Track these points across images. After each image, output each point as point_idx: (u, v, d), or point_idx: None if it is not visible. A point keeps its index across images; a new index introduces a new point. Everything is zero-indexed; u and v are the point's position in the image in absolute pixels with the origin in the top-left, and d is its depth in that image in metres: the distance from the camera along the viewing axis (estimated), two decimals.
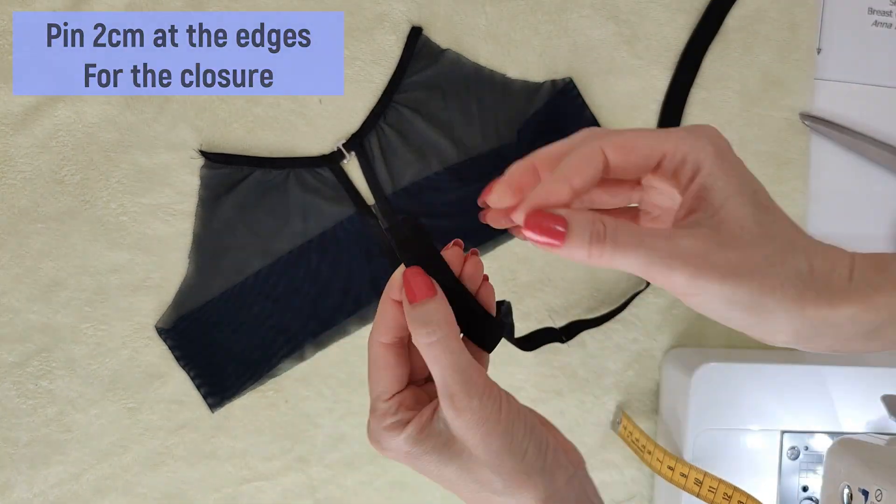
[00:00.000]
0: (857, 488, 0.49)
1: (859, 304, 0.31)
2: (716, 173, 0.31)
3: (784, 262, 0.31)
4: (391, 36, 0.64)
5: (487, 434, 0.33)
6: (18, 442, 0.64)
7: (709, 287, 0.31)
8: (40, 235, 0.63)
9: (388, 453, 0.35)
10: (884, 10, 0.68)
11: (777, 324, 0.31)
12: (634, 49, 0.65)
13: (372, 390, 0.36)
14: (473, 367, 0.34)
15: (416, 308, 0.34)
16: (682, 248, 0.30)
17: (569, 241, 0.31)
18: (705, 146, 0.32)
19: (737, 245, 0.31)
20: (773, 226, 0.32)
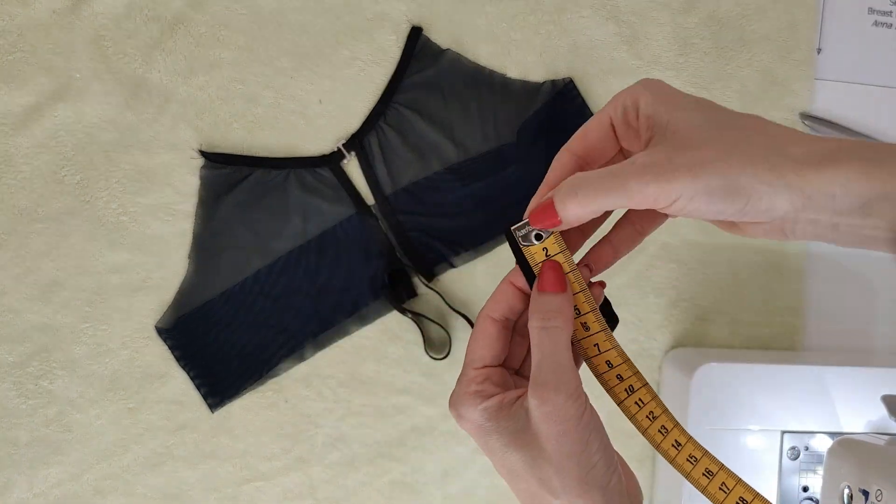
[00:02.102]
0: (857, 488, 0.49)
1: (849, 171, 0.31)
2: (652, 100, 0.34)
3: (749, 143, 0.32)
4: (391, 36, 0.64)
5: (563, 433, 0.33)
6: (18, 442, 0.64)
7: (683, 187, 0.31)
8: (40, 235, 0.63)
9: (461, 421, 0.35)
10: (884, 10, 0.68)
11: (764, 200, 0.31)
12: (634, 49, 0.66)
13: (467, 357, 0.36)
14: (570, 368, 0.34)
15: (543, 296, 0.35)
16: (647, 162, 0.32)
17: (558, 209, 0.34)
18: (634, 88, 0.34)
19: (696, 143, 0.32)
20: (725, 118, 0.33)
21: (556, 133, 0.64)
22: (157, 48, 0.62)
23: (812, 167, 0.31)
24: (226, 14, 0.63)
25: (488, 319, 0.36)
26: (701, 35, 0.66)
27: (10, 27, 0.61)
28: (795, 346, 0.68)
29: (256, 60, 0.63)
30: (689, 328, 0.67)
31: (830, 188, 0.31)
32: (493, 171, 0.64)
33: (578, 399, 0.34)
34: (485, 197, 0.64)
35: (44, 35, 0.61)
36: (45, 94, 0.62)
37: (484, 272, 0.65)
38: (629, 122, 0.35)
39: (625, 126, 0.35)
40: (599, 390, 0.38)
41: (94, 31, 0.62)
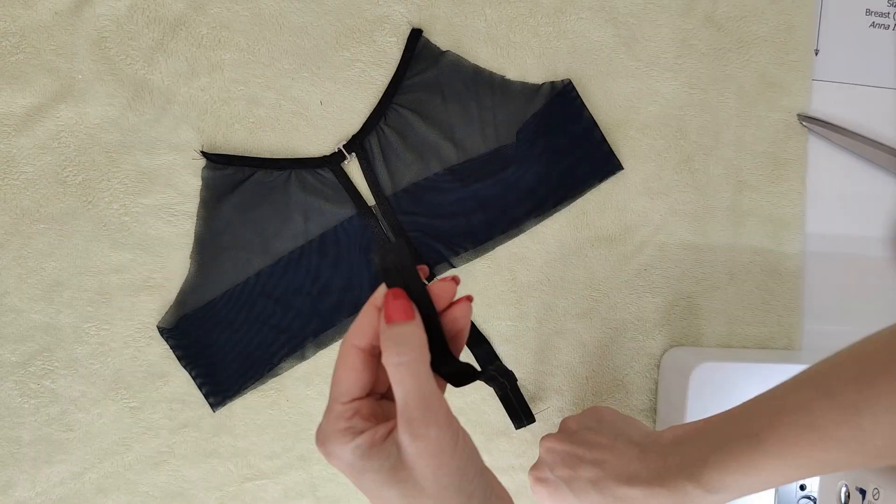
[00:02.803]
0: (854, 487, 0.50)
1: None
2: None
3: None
4: (391, 38, 0.64)
5: (439, 467, 0.33)
6: (21, 441, 0.64)
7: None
8: (43, 236, 0.63)
9: (332, 459, 0.34)
10: (881, 11, 0.69)
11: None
12: (633, 51, 0.66)
13: (333, 390, 0.35)
14: (437, 397, 0.34)
15: (391, 328, 0.34)
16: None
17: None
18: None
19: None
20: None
21: (555, 134, 0.65)
22: (158, 50, 0.62)
23: None
24: (227, 16, 0.63)
25: (354, 349, 0.35)
26: (699, 37, 0.66)
27: (13, 29, 0.61)
28: (793, 346, 0.68)
29: (258, 62, 0.63)
30: (687, 327, 0.68)
31: None
32: (492, 171, 0.64)
33: (450, 428, 0.34)
34: (485, 197, 0.64)
35: (46, 36, 0.62)
36: (48, 95, 0.62)
37: (484, 272, 0.66)
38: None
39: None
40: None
41: (96, 32, 0.62)
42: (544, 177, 0.64)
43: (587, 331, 0.67)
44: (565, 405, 0.67)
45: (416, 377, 0.33)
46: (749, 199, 0.68)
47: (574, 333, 0.67)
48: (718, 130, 0.67)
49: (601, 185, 0.66)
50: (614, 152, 0.65)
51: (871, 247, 0.70)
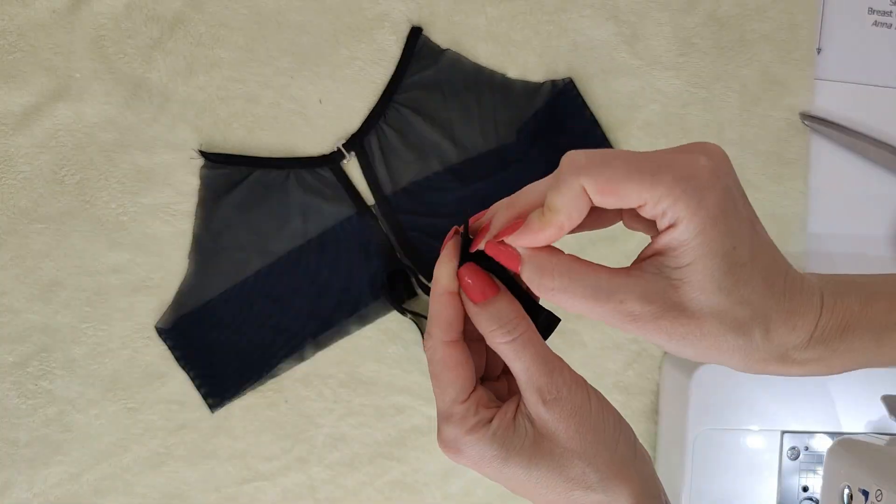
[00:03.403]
0: (857, 488, 0.49)
1: (813, 366, 0.31)
2: (692, 231, 0.29)
3: (738, 332, 0.30)
4: (391, 36, 0.64)
5: (580, 425, 0.32)
6: (18, 442, 0.64)
7: (661, 342, 0.31)
8: (40, 236, 0.63)
9: (468, 461, 0.32)
10: (884, 10, 0.68)
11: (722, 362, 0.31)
12: (634, 49, 0.66)
13: (443, 396, 0.33)
14: (557, 359, 0.33)
15: (484, 308, 0.32)
16: (638, 309, 0.30)
17: (523, 274, 0.31)
18: (689, 199, 0.29)
19: (690, 313, 0.30)
20: (737, 291, 0.30)
21: (556, 133, 0.64)
22: (156, 48, 0.62)
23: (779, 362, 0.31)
24: (225, 14, 0.63)
25: (446, 345, 0.33)
26: (701, 35, 0.66)
27: (10, 27, 0.61)
28: None
29: (256, 60, 0.63)
30: None
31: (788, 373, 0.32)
32: (493, 171, 0.64)
33: (580, 385, 0.33)
34: (485, 197, 0.64)
35: (44, 35, 0.61)
36: (45, 94, 0.62)
37: None
38: (652, 227, 0.31)
39: (646, 225, 0.32)
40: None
41: (94, 31, 0.62)
42: (545, 176, 0.64)
43: (588, 331, 0.66)
44: None
45: (533, 346, 0.32)
46: (751, 198, 0.66)
47: (574, 334, 0.66)
48: (721, 129, 0.67)
49: None
50: None
51: (874, 246, 0.69)
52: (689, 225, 0.29)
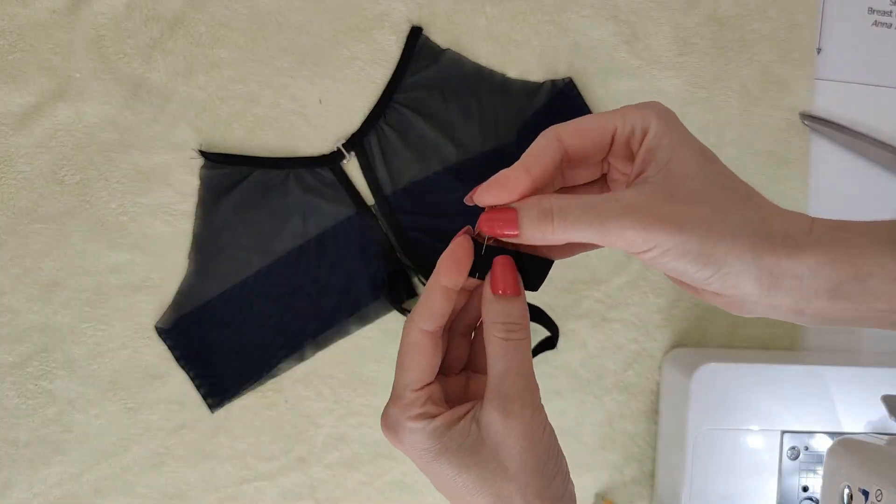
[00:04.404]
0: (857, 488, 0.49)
1: (821, 255, 0.30)
2: (661, 133, 0.32)
3: (734, 211, 0.31)
4: (391, 36, 0.64)
5: (527, 449, 0.32)
6: (18, 442, 0.64)
7: (660, 240, 0.30)
8: (40, 236, 0.63)
9: (402, 446, 0.33)
10: (884, 10, 0.68)
11: (734, 274, 0.31)
12: (634, 49, 0.66)
13: (401, 377, 0.34)
14: (534, 379, 0.33)
15: (501, 302, 0.33)
16: (631, 204, 0.31)
17: (522, 227, 0.32)
18: (650, 113, 0.33)
19: (684, 197, 0.31)
20: (721, 178, 0.32)
21: None
22: (156, 48, 0.62)
23: (786, 249, 0.31)
24: (225, 14, 0.63)
25: (421, 333, 0.33)
26: (701, 35, 0.66)
27: (10, 27, 0.61)
28: (795, 346, 0.68)
29: (256, 60, 0.63)
30: (689, 328, 0.67)
31: (799, 271, 0.30)
32: (493, 170, 0.63)
33: (541, 412, 0.33)
34: None
35: (43, 35, 0.61)
36: (45, 94, 0.62)
37: None
38: (631, 144, 0.33)
39: (624, 145, 0.34)
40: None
41: (94, 31, 0.62)
42: None
43: (588, 331, 0.66)
44: (566, 407, 0.67)
45: (523, 355, 0.33)
46: None
47: (574, 334, 0.66)
48: (720, 129, 0.67)
49: None
50: None
51: None
52: (658, 122, 0.32)
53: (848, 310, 0.31)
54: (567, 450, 0.71)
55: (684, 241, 0.30)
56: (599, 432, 0.67)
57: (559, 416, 0.67)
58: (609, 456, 0.67)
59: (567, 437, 0.67)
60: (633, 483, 0.68)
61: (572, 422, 0.67)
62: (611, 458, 0.67)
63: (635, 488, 0.68)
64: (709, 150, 0.33)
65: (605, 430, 0.67)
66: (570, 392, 0.67)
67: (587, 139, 0.34)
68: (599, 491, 0.67)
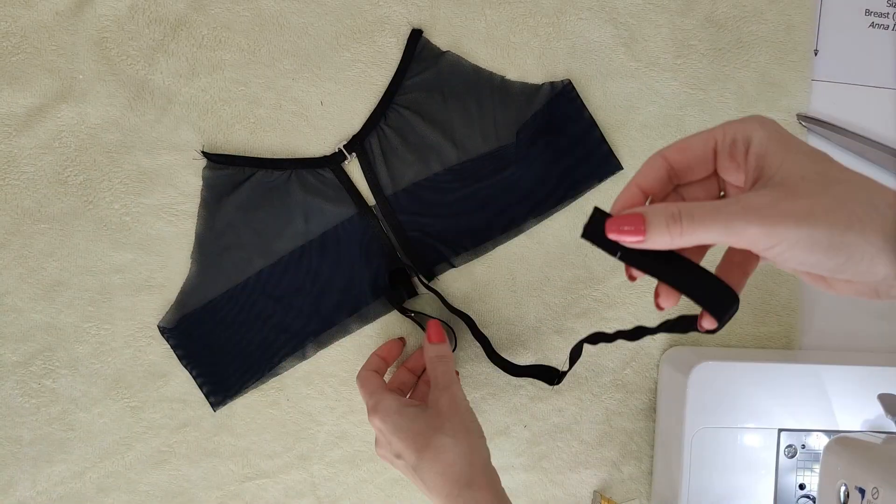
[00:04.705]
0: (853, 486, 0.50)
1: None
2: (766, 141, 0.33)
3: (857, 199, 0.32)
4: (391, 38, 0.64)
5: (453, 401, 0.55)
6: (22, 440, 0.64)
7: (786, 234, 0.31)
8: (44, 236, 0.63)
9: (379, 415, 0.55)
10: (880, 11, 0.69)
11: (867, 259, 0.31)
12: (632, 51, 0.66)
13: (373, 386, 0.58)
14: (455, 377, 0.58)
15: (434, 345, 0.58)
16: (754, 204, 0.32)
17: (649, 231, 0.33)
18: (751, 124, 0.34)
19: (805, 193, 0.32)
20: (837, 172, 0.33)
21: (555, 134, 0.65)
22: (159, 50, 0.63)
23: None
24: (228, 16, 0.63)
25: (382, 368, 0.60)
26: (698, 37, 0.66)
27: (14, 29, 0.62)
28: (792, 345, 0.68)
29: (258, 62, 0.64)
30: None
31: None
32: (492, 172, 0.64)
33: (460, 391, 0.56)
34: (485, 197, 0.64)
35: (47, 37, 0.62)
36: (49, 95, 0.62)
37: (483, 272, 0.66)
38: (734, 155, 0.35)
39: (728, 157, 0.35)
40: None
41: (97, 32, 0.62)
42: (544, 177, 0.65)
43: (587, 330, 0.67)
44: (565, 404, 0.67)
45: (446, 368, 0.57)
46: None
47: (574, 333, 0.67)
48: None
49: (601, 185, 0.66)
50: (614, 152, 0.66)
51: None
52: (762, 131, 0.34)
53: None
54: (565, 447, 0.71)
55: (811, 232, 0.31)
56: (597, 430, 0.68)
57: (557, 413, 0.67)
58: (607, 453, 0.68)
59: (565, 434, 0.68)
60: (631, 480, 0.68)
61: (570, 419, 0.67)
62: (609, 455, 0.68)
63: (633, 486, 0.68)
64: (819, 150, 0.34)
65: (603, 428, 0.68)
66: (568, 390, 0.67)
67: (688, 154, 0.36)
68: (597, 488, 0.68)
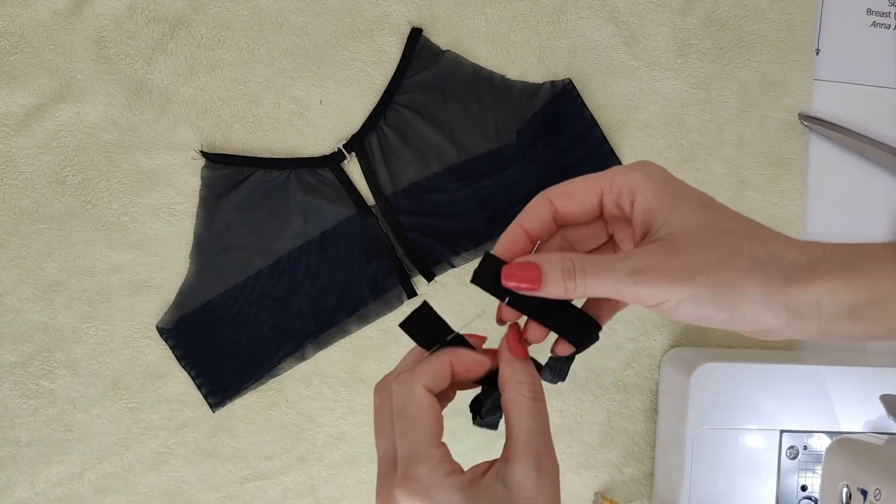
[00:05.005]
0: (855, 487, 0.49)
1: (835, 280, 0.31)
2: (652, 196, 0.33)
3: (741, 252, 0.32)
4: (391, 37, 0.64)
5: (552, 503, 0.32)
6: (20, 441, 0.64)
7: (673, 292, 0.31)
8: (42, 236, 0.63)
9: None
10: (882, 10, 0.68)
11: (750, 312, 0.32)
12: (633, 50, 0.66)
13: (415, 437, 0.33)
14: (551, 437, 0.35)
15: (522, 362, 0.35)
16: (640, 264, 0.32)
17: (544, 283, 0.33)
18: (637, 176, 0.34)
19: (690, 249, 0.32)
20: (724, 222, 0.33)
21: (556, 133, 0.64)
22: (158, 49, 0.62)
23: (799, 281, 0.31)
24: (226, 15, 0.63)
25: (428, 392, 0.34)
26: (700, 36, 0.66)
27: (12, 28, 0.61)
28: (794, 346, 0.68)
29: (257, 61, 0.63)
30: (688, 328, 0.68)
31: (815, 299, 0.31)
32: (492, 171, 0.64)
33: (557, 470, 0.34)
34: (485, 197, 0.64)
35: (45, 36, 0.62)
36: (47, 94, 0.62)
37: None
38: (620, 206, 0.35)
39: (615, 207, 0.35)
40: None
41: (96, 32, 0.62)
42: (545, 177, 0.64)
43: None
44: (566, 406, 0.67)
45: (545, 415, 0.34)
46: (750, 199, 0.68)
47: None
48: (719, 130, 0.67)
49: None
50: (615, 152, 0.65)
51: None
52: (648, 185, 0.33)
53: (872, 328, 0.32)
54: (567, 449, 0.71)
55: (695, 291, 0.31)
56: (599, 431, 0.67)
57: (559, 415, 0.67)
58: (608, 455, 0.68)
59: (566, 435, 0.67)
60: (633, 482, 0.68)
61: (572, 421, 0.67)
62: (610, 456, 0.68)
63: (635, 487, 0.68)
64: (708, 196, 0.34)
65: (605, 430, 0.67)
66: (569, 391, 0.67)
67: (574, 202, 0.35)
68: (599, 490, 0.68)
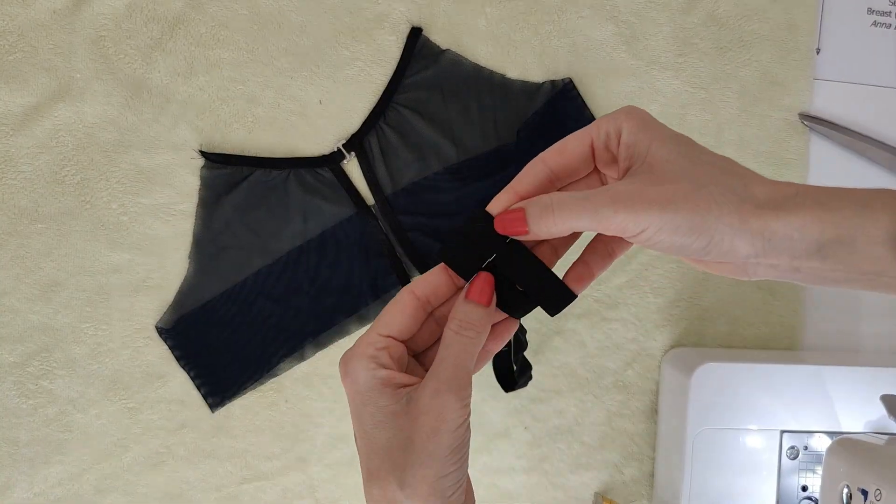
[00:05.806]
0: (856, 488, 0.49)
1: (806, 216, 0.32)
2: (635, 129, 0.35)
3: (717, 182, 0.33)
4: (391, 36, 0.64)
5: (436, 432, 0.34)
6: (19, 442, 0.64)
7: (651, 219, 0.32)
8: (41, 236, 0.63)
9: (346, 379, 0.36)
10: (883, 10, 0.68)
11: (727, 241, 0.33)
12: (633, 49, 0.66)
13: (376, 322, 0.37)
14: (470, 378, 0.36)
15: (468, 305, 0.36)
16: (621, 192, 0.33)
17: (529, 223, 0.34)
18: (619, 116, 0.36)
19: (670, 179, 0.33)
20: (700, 155, 0.35)
21: (556, 133, 0.64)
22: (157, 48, 0.62)
23: (772, 211, 0.32)
24: (226, 14, 0.63)
25: (410, 294, 0.37)
26: (700, 35, 0.66)
27: (11, 27, 0.61)
28: (794, 346, 0.68)
29: (256, 61, 0.63)
30: (688, 328, 0.67)
31: (788, 232, 0.32)
32: (492, 171, 0.64)
33: (465, 409, 0.35)
34: (485, 197, 0.64)
35: (44, 35, 0.61)
36: (46, 94, 0.62)
37: None
38: (609, 148, 0.36)
39: (604, 150, 0.36)
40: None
41: (95, 31, 0.62)
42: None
43: (587, 331, 0.66)
44: (566, 406, 0.67)
45: (465, 352, 0.36)
46: None
47: (574, 333, 0.66)
48: (720, 129, 0.67)
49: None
50: None
51: None
52: (629, 122, 0.35)
53: (838, 270, 0.33)
54: (567, 449, 0.71)
55: (673, 217, 0.32)
56: (599, 431, 0.67)
57: (558, 415, 0.67)
58: (608, 455, 0.67)
59: (567, 436, 0.67)
60: (633, 482, 0.68)
61: (572, 421, 0.67)
62: (610, 457, 0.68)
63: (635, 487, 0.68)
64: (684, 136, 0.36)
65: (605, 430, 0.67)
66: (569, 391, 0.67)
67: (567, 155, 0.37)
68: (599, 490, 0.68)
